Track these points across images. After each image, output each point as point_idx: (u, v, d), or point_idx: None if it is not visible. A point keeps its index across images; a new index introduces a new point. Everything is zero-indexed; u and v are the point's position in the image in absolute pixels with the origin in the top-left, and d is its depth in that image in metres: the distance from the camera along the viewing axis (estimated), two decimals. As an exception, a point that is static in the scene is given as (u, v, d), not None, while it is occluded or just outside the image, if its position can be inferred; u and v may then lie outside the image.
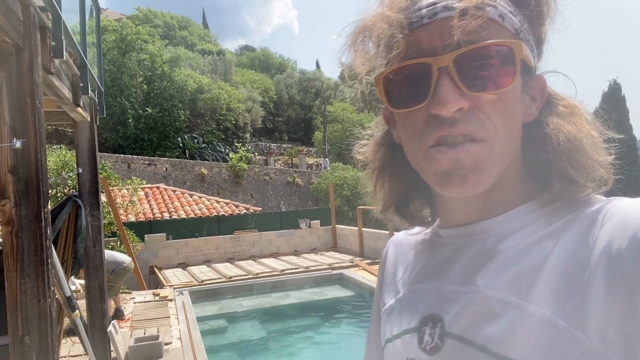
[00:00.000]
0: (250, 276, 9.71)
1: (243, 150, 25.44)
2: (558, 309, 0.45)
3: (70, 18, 4.47)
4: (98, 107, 5.46)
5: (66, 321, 5.26)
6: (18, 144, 2.56)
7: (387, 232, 10.75)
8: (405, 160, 0.57)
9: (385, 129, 0.64)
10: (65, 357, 5.26)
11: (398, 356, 0.59)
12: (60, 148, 11.69)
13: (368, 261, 10.40)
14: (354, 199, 21.11)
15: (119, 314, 7.00)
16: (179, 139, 27.32)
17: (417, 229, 0.67)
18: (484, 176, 0.50)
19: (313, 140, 34.08)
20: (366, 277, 8.96)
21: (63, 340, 5.36)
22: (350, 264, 10.39)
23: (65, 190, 9.80)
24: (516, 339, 0.46)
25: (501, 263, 0.51)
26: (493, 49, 0.48)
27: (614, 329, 0.42)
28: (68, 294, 3.56)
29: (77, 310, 3.53)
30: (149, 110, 25.87)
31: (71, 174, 9.01)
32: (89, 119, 5.10)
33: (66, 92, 3.87)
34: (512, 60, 0.49)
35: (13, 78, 2.55)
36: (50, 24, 3.05)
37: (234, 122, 30.36)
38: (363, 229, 11.76)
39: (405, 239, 0.70)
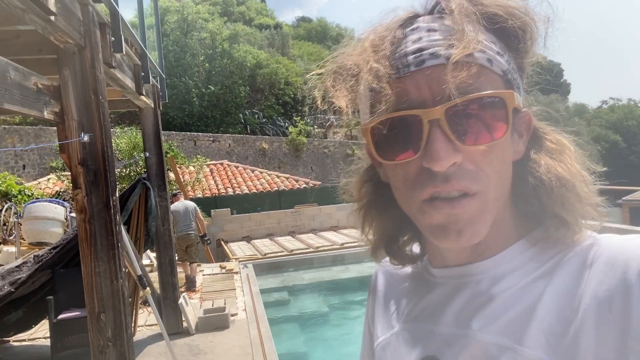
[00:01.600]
0: (311, 249, 9.94)
1: (302, 124, 25.63)
2: (552, 351, 0.45)
3: (130, 7, 4.66)
4: (160, 93, 5.71)
5: (142, 294, 5.70)
6: (86, 138, 2.76)
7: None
8: (391, 197, 0.56)
9: (369, 163, 0.63)
10: (142, 326, 5.73)
11: None
12: (131, 129, 12.42)
13: (429, 235, 10.27)
14: (414, 170, 20.75)
15: (191, 284, 7.52)
16: (240, 115, 27.99)
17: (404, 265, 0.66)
18: (479, 228, 0.49)
19: (372, 111, 33.64)
20: (426, 251, 8.88)
21: (140, 311, 5.83)
22: (411, 237, 10.32)
23: (138, 170, 10.45)
24: None
25: (495, 307, 0.51)
26: (485, 101, 0.47)
27: None
28: (139, 273, 3.85)
29: (147, 288, 3.81)
30: (211, 88, 26.63)
31: (142, 155, 9.58)
32: (152, 105, 5.36)
33: (129, 82, 4.08)
34: (504, 110, 0.48)
35: (77, 76, 2.72)
36: (108, 20, 3.20)
37: (292, 96, 30.55)
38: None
39: (394, 271, 0.69)
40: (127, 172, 10.42)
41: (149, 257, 8.20)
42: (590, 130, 44.80)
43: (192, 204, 7.91)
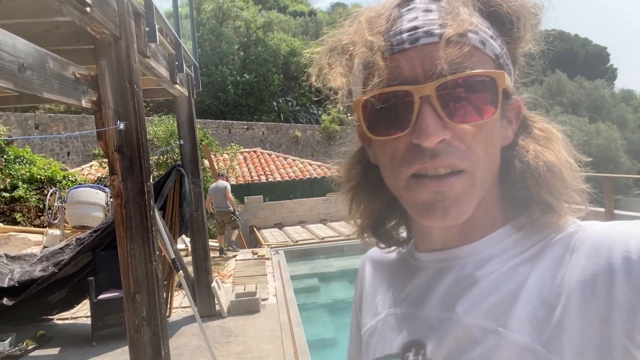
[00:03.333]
0: (342, 237, 9.98)
1: (335, 112, 25.55)
2: (536, 335, 0.46)
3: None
4: (194, 82, 5.83)
5: (177, 277, 5.90)
6: (122, 126, 2.86)
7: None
8: (380, 180, 0.56)
9: (359, 146, 0.63)
10: (177, 308, 5.94)
11: None
12: (168, 117, 12.74)
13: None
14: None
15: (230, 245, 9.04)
16: (274, 103, 28.19)
17: (391, 249, 0.66)
18: (465, 207, 0.49)
19: (407, 98, 33.19)
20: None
21: (175, 293, 6.04)
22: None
23: (175, 157, 10.73)
24: None
25: (480, 290, 0.51)
26: (475, 79, 0.47)
27: (591, 352, 0.43)
28: (173, 256, 3.98)
29: (180, 271, 3.94)
30: (246, 76, 26.90)
31: (178, 143, 9.83)
32: (186, 94, 5.48)
33: (163, 72, 4.19)
34: (494, 90, 0.48)
35: (113, 65, 2.82)
36: (143, 11, 3.28)
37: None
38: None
39: (381, 256, 0.69)
40: (165, 159, 10.72)
41: (184, 242, 8.46)
42: (637, 117, 42.60)
43: (223, 184, 9.22)
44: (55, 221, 8.38)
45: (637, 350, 0.41)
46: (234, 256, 8.97)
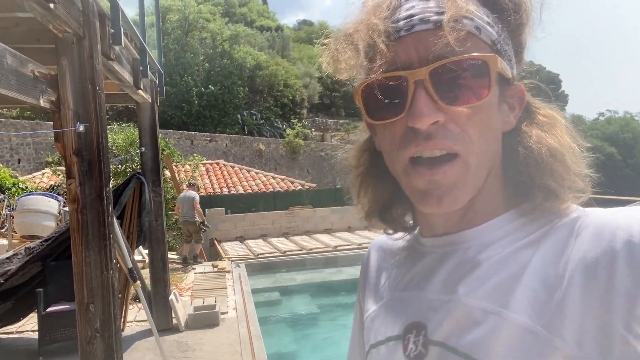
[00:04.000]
0: (304, 251, 9.94)
1: (299, 127, 25.67)
2: (537, 316, 0.46)
3: (131, 3, 4.67)
4: (158, 89, 5.72)
5: (132, 289, 5.68)
6: (81, 128, 2.76)
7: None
8: (386, 167, 0.58)
9: (368, 134, 0.65)
10: (131, 322, 5.71)
11: None
12: (128, 126, 12.40)
13: (422, 240, 10.29)
14: (410, 176, 20.79)
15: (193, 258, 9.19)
16: (238, 115, 28.01)
17: (398, 234, 0.67)
18: (460, 194, 0.51)
19: (370, 116, 33.68)
20: (419, 256, 8.90)
21: (130, 307, 5.81)
22: (404, 242, 10.34)
23: (134, 167, 10.43)
24: (497, 345, 0.47)
25: (482, 272, 0.52)
26: (468, 63, 0.49)
27: (591, 336, 0.43)
28: (130, 265, 3.84)
29: (137, 281, 3.80)
30: (211, 87, 26.65)
31: (139, 151, 9.57)
32: (150, 101, 5.37)
33: (127, 76, 4.09)
34: (486, 74, 0.49)
35: (75, 65, 2.73)
36: (108, 12, 3.21)
37: (291, 98, 30.60)
38: (418, 207, 11.60)
39: (387, 244, 0.70)
40: (123, 168, 10.40)
41: (141, 254, 8.18)
42: (586, 142, 44.92)
43: (192, 194, 9.20)
44: (3, 230, 7.93)
45: (636, 340, 0.42)
46: (193, 269, 8.76)
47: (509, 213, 0.55)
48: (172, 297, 5.53)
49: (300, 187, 15.30)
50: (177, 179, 11.25)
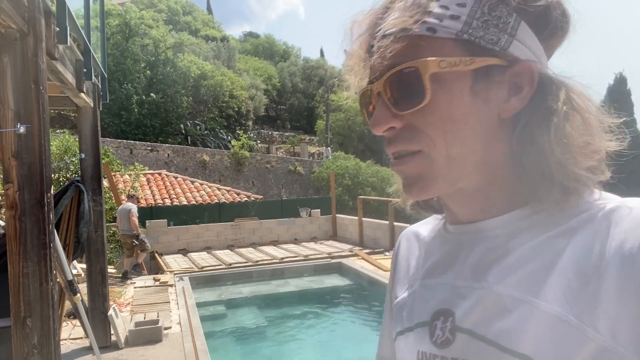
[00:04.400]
0: (250, 263, 9.79)
1: (245, 138, 25.42)
2: (569, 306, 0.46)
3: (75, 2, 4.47)
4: (101, 93, 5.47)
5: (67, 305, 5.33)
6: (22, 129, 2.59)
7: (387, 222, 10.79)
8: None
9: None
10: (65, 339, 5.34)
11: (410, 349, 0.60)
12: (63, 133, 11.72)
13: (367, 251, 10.46)
14: (354, 188, 21.14)
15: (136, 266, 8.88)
16: (182, 125, 27.30)
17: (428, 223, 0.70)
18: (429, 183, 0.54)
19: (315, 129, 34.02)
20: (365, 266, 9.02)
21: (64, 323, 5.44)
22: (350, 253, 10.45)
23: (68, 175, 9.85)
24: (527, 334, 0.47)
25: (512, 260, 0.52)
26: (404, 72, 0.51)
27: (627, 327, 0.43)
28: (70, 277, 3.61)
29: (78, 294, 3.58)
30: (153, 95, 25.82)
31: (74, 159, 9.05)
32: (92, 105, 5.12)
33: (70, 78, 3.89)
34: (419, 78, 0.51)
35: (17, 63, 2.56)
36: (54, 10, 3.05)
37: (236, 109, 30.30)
38: (363, 218, 11.81)
39: (417, 232, 0.71)
40: (56, 176, 9.78)
41: (76, 267, 7.69)
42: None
43: (128, 206, 8.93)
44: None
45: None
46: (133, 283, 8.35)
47: (537, 202, 0.53)
48: (111, 312, 5.24)
49: (246, 199, 15.10)
50: (117, 189, 10.73)
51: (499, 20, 0.51)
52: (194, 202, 14.32)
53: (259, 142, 30.92)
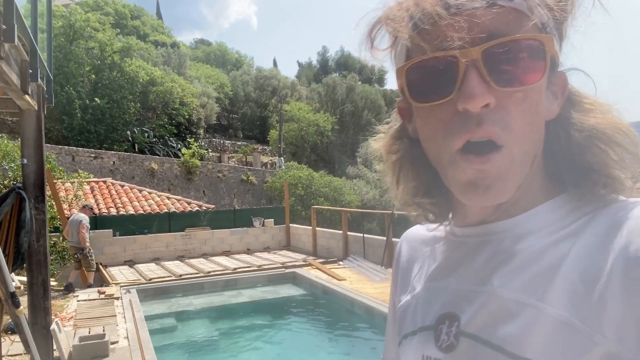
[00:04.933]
0: (202, 274, 9.55)
1: (196, 146, 24.88)
2: (575, 310, 0.44)
3: (21, 1, 4.25)
4: (46, 95, 5.22)
5: (5, 319, 4.98)
6: (-36, 131, 2.43)
7: (340, 231, 10.91)
8: (421, 155, 0.56)
9: (399, 123, 0.62)
10: (3, 356, 4.98)
11: (414, 353, 0.59)
12: (1, 137, 11.01)
13: (321, 260, 10.50)
14: (307, 198, 21.20)
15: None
16: (128, 132, 26.33)
17: (431, 225, 0.66)
18: (507, 185, 0.49)
19: (268, 139, 33.86)
20: (319, 275, 9.05)
21: (2, 339, 5.07)
22: (304, 262, 10.45)
23: (5, 182, 9.23)
24: (532, 339, 0.46)
25: (518, 264, 0.51)
26: (523, 43, 0.47)
27: (633, 330, 0.42)
28: (12, 289, 3.39)
29: (21, 307, 3.36)
30: (97, 100, 24.78)
31: (12, 165, 8.51)
32: (36, 107, 4.87)
33: (14, 78, 3.69)
34: (542, 55, 0.47)
35: (-40, 61, 2.41)
36: (1, 7, 2.90)
37: (187, 117, 29.62)
38: (317, 228, 11.87)
39: (419, 235, 0.69)
40: (-9, 184, 9.14)
41: (14, 280, 7.20)
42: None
43: (79, 217, 8.65)
44: None
45: None
46: (76, 296, 7.92)
47: (550, 203, 0.53)
48: (54, 326, 4.94)
49: (197, 208, 14.75)
50: (59, 197, 10.18)
51: (553, 26, 0.50)
52: (142, 212, 13.82)
53: (210, 150, 30.36)
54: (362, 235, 10.37)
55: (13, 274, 6.67)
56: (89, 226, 8.77)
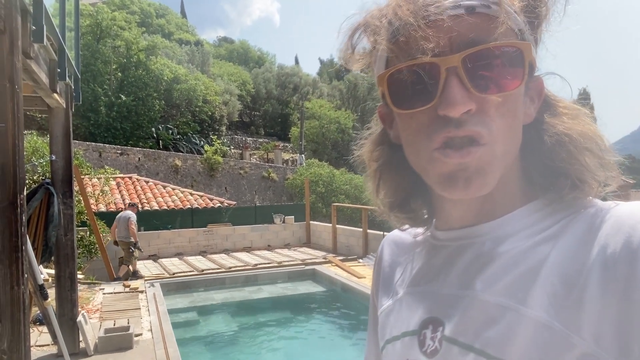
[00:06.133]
0: (223, 270, 9.68)
1: (218, 143, 25.17)
2: (554, 312, 0.45)
3: (50, 0, 4.38)
4: (74, 94, 5.36)
5: (33, 310, 5.16)
6: (-4, 128, 2.53)
7: (361, 229, 10.89)
8: (404, 159, 0.56)
9: (380, 129, 0.63)
10: (32, 346, 5.15)
11: (398, 358, 0.59)
12: (31, 134, 11.35)
13: (341, 258, 10.51)
14: (328, 195, 21.22)
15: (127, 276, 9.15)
16: (153, 129, 26.80)
17: (413, 229, 0.66)
18: (487, 178, 0.50)
19: (289, 136, 33.98)
20: (339, 273, 9.06)
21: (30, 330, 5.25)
22: (323, 260, 10.48)
23: (35, 177, 9.53)
24: (514, 342, 0.47)
25: (499, 267, 0.51)
26: (502, 50, 0.48)
27: (609, 332, 0.42)
28: (41, 282, 3.51)
29: (49, 299, 3.48)
30: (123, 98, 25.29)
31: (42, 161, 8.77)
32: (64, 106, 5.01)
33: (43, 78, 3.81)
34: (521, 62, 0.48)
35: (-8, 61, 2.50)
36: (31, 8, 3.00)
37: (210, 114, 29.99)
38: (337, 225, 11.87)
39: (401, 238, 0.69)
40: (22, 179, 9.45)
41: (42, 272, 7.44)
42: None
43: (128, 214, 9.35)
44: None
45: None
46: (102, 289, 8.14)
47: (528, 206, 0.54)
48: (80, 318, 5.10)
49: (219, 205, 14.94)
50: (86, 192, 10.45)
51: (529, 31, 0.51)
52: (166, 207, 14.07)
53: (232, 147, 30.65)
54: (382, 233, 10.33)
55: (41, 266, 6.91)
56: (136, 222, 9.52)
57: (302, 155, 29.40)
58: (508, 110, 0.49)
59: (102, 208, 12.88)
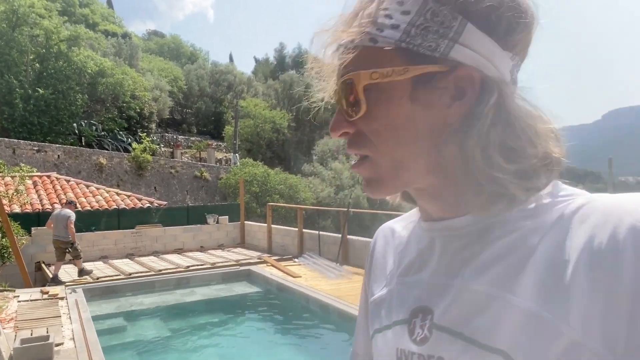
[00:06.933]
0: (152, 273, 9.30)
1: (147, 141, 24.13)
2: (543, 301, 0.46)
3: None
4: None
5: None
6: None
7: (296, 229, 10.93)
8: None
9: None
10: None
11: (388, 347, 0.61)
12: None
13: (276, 257, 10.48)
14: (263, 195, 21.09)
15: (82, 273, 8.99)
16: (75, 124, 25.16)
17: (404, 219, 0.71)
18: (378, 185, 0.57)
19: (223, 135, 33.29)
20: (274, 273, 9.03)
21: None
22: (258, 260, 10.39)
23: None
24: (503, 330, 0.48)
25: (487, 256, 0.53)
26: (346, 83, 0.55)
27: (596, 321, 0.43)
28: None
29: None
30: (41, 91, 23.50)
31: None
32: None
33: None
34: (353, 90, 0.54)
35: None
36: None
37: (138, 110, 28.65)
38: (272, 225, 11.83)
39: (393, 229, 0.72)
40: None
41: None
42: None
43: (67, 212, 9.00)
44: None
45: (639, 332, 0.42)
46: (16, 296, 7.51)
47: (509, 198, 0.52)
48: (-8, 329, 4.67)
49: (148, 205, 14.32)
50: (-3, 192, 9.60)
51: (441, 25, 0.50)
52: (89, 208, 13.26)
53: (162, 146, 29.53)
54: (317, 232, 10.44)
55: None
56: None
57: (236, 154, 28.96)
58: (382, 126, 0.54)
59: (17, 209, 11.91)
